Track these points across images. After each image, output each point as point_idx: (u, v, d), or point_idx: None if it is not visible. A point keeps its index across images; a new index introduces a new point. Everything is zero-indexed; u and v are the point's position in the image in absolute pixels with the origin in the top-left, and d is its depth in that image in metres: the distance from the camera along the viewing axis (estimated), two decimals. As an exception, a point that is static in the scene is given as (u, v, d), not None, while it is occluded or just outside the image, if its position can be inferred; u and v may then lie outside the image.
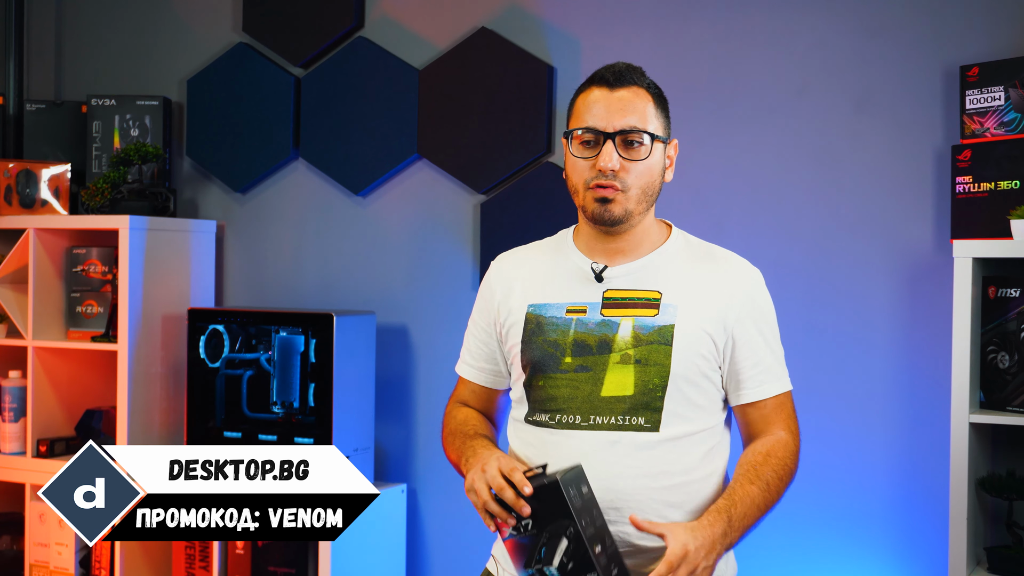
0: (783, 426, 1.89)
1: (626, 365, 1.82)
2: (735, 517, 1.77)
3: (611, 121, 1.83)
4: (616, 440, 1.81)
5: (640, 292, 1.87)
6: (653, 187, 1.88)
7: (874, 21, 2.80)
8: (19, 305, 3.43)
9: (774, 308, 1.94)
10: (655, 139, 1.85)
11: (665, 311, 1.84)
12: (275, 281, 3.54)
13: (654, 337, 1.82)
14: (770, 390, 1.89)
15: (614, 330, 1.84)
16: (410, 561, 3.29)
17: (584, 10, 3.12)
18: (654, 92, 1.89)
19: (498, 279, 2.00)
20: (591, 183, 1.84)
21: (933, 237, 2.72)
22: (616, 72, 1.87)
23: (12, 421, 3.40)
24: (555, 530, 1.70)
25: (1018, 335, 2.44)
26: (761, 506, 1.81)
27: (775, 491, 1.83)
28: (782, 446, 1.87)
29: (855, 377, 2.79)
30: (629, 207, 1.85)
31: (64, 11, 3.90)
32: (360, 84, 3.37)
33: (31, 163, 3.50)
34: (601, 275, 1.89)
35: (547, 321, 1.89)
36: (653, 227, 1.94)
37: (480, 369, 2.04)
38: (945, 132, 2.71)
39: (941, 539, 2.59)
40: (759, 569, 2.88)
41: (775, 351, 1.91)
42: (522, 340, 1.90)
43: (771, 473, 1.83)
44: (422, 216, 3.32)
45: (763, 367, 1.88)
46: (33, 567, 3.38)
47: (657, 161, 1.87)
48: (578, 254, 1.93)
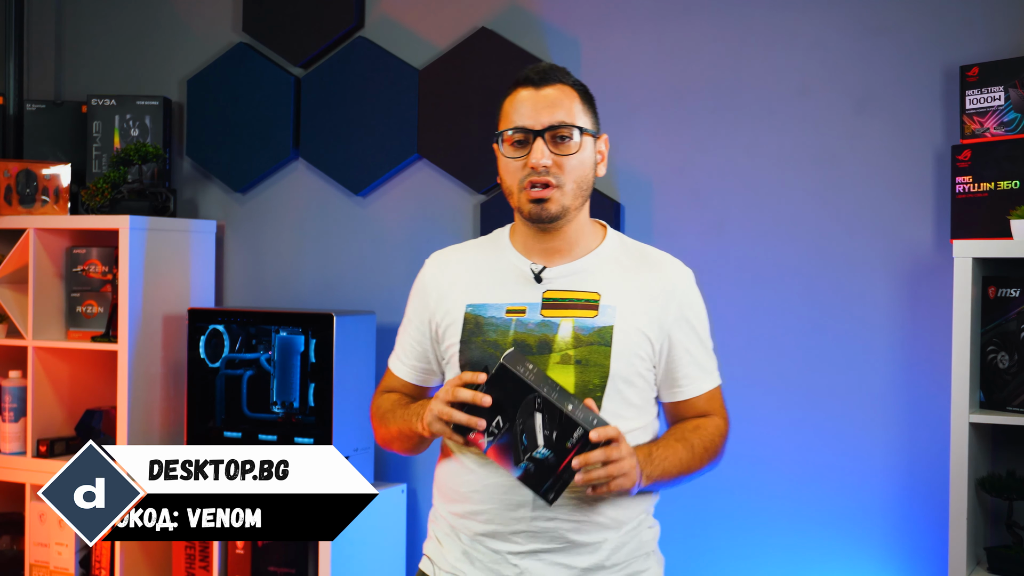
0: (716, 413, 1.96)
1: (566, 365, 1.84)
2: (656, 456, 1.83)
3: (539, 118, 1.86)
4: None
5: (579, 293, 1.88)
6: (586, 181, 1.89)
7: (874, 21, 2.80)
8: (19, 305, 3.43)
9: (704, 305, 1.98)
10: (584, 132, 1.87)
11: (604, 312, 1.86)
12: (275, 281, 3.54)
13: (594, 338, 1.85)
14: (704, 386, 1.94)
15: (554, 331, 1.86)
16: (410, 561, 3.29)
17: (584, 10, 3.12)
18: (580, 89, 1.92)
19: (433, 278, 2.00)
20: (524, 182, 1.86)
21: (933, 237, 2.72)
22: (540, 71, 1.90)
23: (12, 421, 3.40)
24: (524, 412, 1.74)
25: (1018, 335, 2.44)
26: (683, 462, 1.86)
27: (699, 457, 1.88)
28: (712, 423, 1.93)
29: (855, 377, 2.79)
30: (565, 203, 1.86)
31: (64, 11, 3.90)
32: (360, 84, 3.37)
33: (31, 163, 3.50)
34: (540, 276, 1.90)
35: (486, 321, 1.89)
36: (588, 226, 1.95)
37: (413, 368, 2.04)
38: (945, 132, 2.71)
39: (941, 539, 2.59)
40: (759, 569, 2.88)
41: (708, 349, 1.96)
42: (461, 340, 1.90)
43: (697, 440, 1.89)
44: (422, 216, 3.32)
45: (698, 365, 1.93)
46: (33, 567, 3.38)
47: (588, 155, 1.89)
48: (516, 254, 1.94)
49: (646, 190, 3.01)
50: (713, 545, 2.92)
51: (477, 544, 1.87)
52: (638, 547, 1.89)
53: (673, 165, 2.99)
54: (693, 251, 2.95)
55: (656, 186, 3.00)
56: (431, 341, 1.99)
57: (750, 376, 2.89)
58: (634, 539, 1.88)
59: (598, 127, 1.94)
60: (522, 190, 1.86)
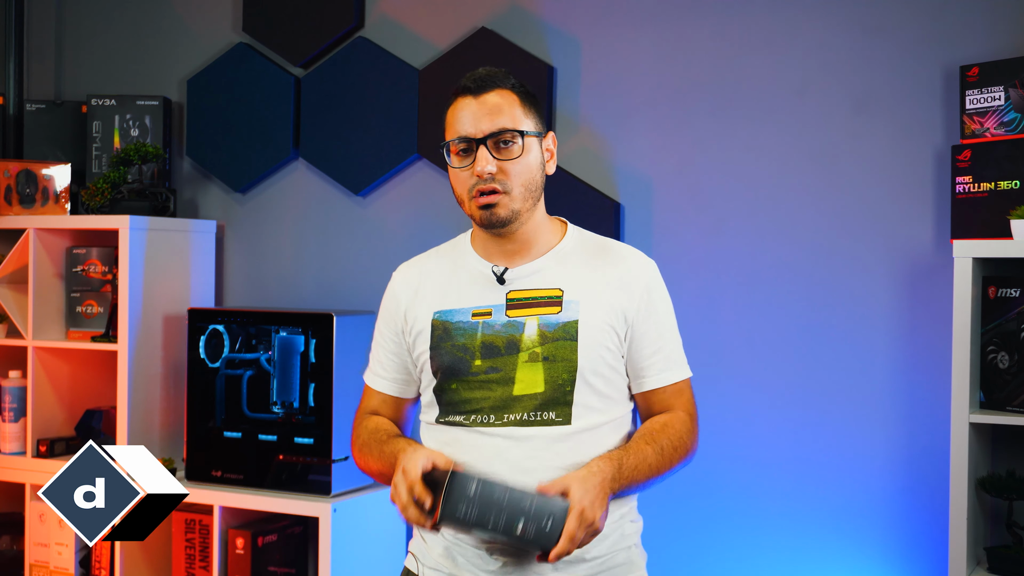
0: (682, 408, 1.95)
1: (535, 363, 1.86)
2: (625, 466, 1.82)
3: (479, 126, 1.88)
4: (530, 435, 1.85)
5: (542, 291, 1.91)
6: (534, 183, 1.91)
7: (874, 21, 2.80)
8: (19, 305, 3.43)
9: (670, 298, 1.98)
10: (525, 136, 1.89)
11: (568, 307, 1.88)
12: (275, 281, 3.54)
13: (559, 334, 1.87)
14: (670, 377, 1.94)
15: (520, 330, 1.88)
16: (410, 561, 3.29)
17: (584, 10, 3.12)
18: (520, 91, 1.93)
19: (402, 288, 2.02)
20: (473, 191, 1.89)
21: (933, 237, 2.72)
22: (478, 79, 1.93)
23: (12, 421, 3.40)
24: (480, 533, 1.76)
25: (1018, 335, 2.43)
26: (653, 466, 1.86)
27: (668, 458, 1.88)
28: (679, 421, 1.92)
29: (855, 377, 2.79)
30: (514, 207, 1.89)
31: (64, 11, 3.90)
32: (360, 84, 3.37)
33: (31, 163, 3.50)
34: (503, 277, 1.93)
35: (454, 326, 1.92)
36: (545, 224, 1.97)
37: (394, 380, 2.05)
38: (945, 132, 2.71)
39: (941, 539, 2.59)
40: (759, 569, 2.88)
41: (673, 340, 1.96)
42: (431, 347, 1.93)
43: (666, 440, 1.88)
44: (422, 216, 3.31)
45: (663, 355, 1.93)
46: (33, 567, 3.38)
47: (534, 157, 1.91)
48: (477, 258, 1.97)
49: (646, 190, 3.01)
50: (713, 545, 2.92)
51: (459, 541, 1.88)
52: (619, 540, 1.90)
53: (673, 165, 2.99)
54: (693, 251, 2.97)
55: (656, 186, 3.00)
56: (406, 351, 2.01)
57: (750, 376, 2.89)
58: (615, 532, 1.89)
59: (543, 126, 1.95)
60: (472, 198, 1.90)
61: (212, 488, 3.14)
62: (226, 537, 3.11)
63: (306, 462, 3.05)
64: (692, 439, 1.94)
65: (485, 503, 1.72)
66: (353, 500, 3.04)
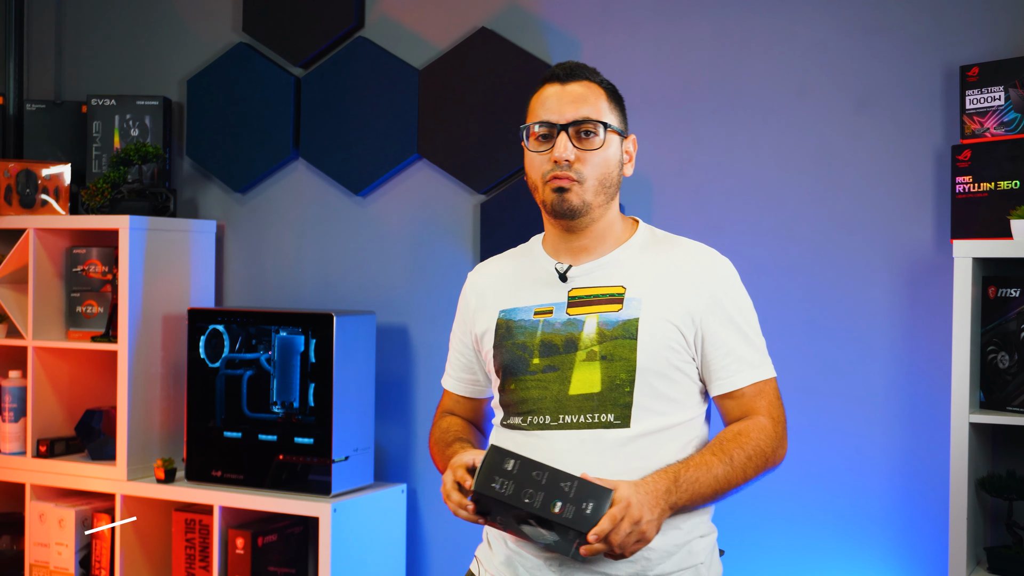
0: (763, 412, 1.86)
1: (592, 362, 1.82)
2: (683, 479, 1.75)
3: (563, 113, 1.86)
4: (585, 438, 1.81)
5: (604, 288, 1.87)
6: (610, 179, 1.88)
7: (874, 21, 2.80)
8: (19, 305, 3.43)
9: (747, 296, 1.92)
10: (608, 129, 1.87)
11: (629, 305, 1.84)
12: (275, 281, 3.54)
13: (618, 332, 1.82)
14: (744, 379, 1.86)
15: (579, 328, 1.85)
16: (410, 561, 3.29)
17: (584, 10, 3.12)
18: (607, 88, 1.92)
19: (472, 290, 2.03)
20: (548, 176, 1.86)
21: (933, 237, 2.72)
22: (567, 68, 1.91)
23: (12, 421, 3.40)
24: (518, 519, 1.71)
25: (1018, 335, 2.44)
26: (720, 477, 1.78)
27: (740, 467, 1.79)
28: (757, 428, 1.83)
29: (855, 377, 2.79)
30: (586, 198, 1.86)
31: (64, 11, 3.90)
32: (360, 84, 3.37)
33: (31, 163, 3.50)
34: (565, 275, 1.90)
35: (516, 325, 1.90)
36: (617, 223, 1.94)
37: (460, 380, 2.07)
38: (945, 132, 2.71)
39: (941, 539, 2.59)
40: (759, 569, 2.88)
41: (749, 338, 1.88)
42: (494, 345, 1.93)
43: (737, 449, 1.80)
44: (422, 216, 3.32)
45: (735, 356, 1.85)
46: (33, 567, 3.38)
47: (613, 152, 1.88)
48: (545, 257, 1.95)
49: (646, 190, 3.01)
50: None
51: (521, 551, 1.85)
52: (686, 558, 1.83)
53: (673, 165, 2.99)
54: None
55: (656, 186, 3.00)
56: (474, 352, 2.02)
57: (750, 376, 2.89)
58: (681, 550, 1.82)
59: (626, 127, 1.94)
60: (545, 183, 1.86)
61: (212, 488, 3.14)
62: (226, 537, 3.11)
63: (306, 462, 3.05)
64: (774, 445, 1.84)
65: (522, 480, 1.68)
66: (353, 500, 3.04)
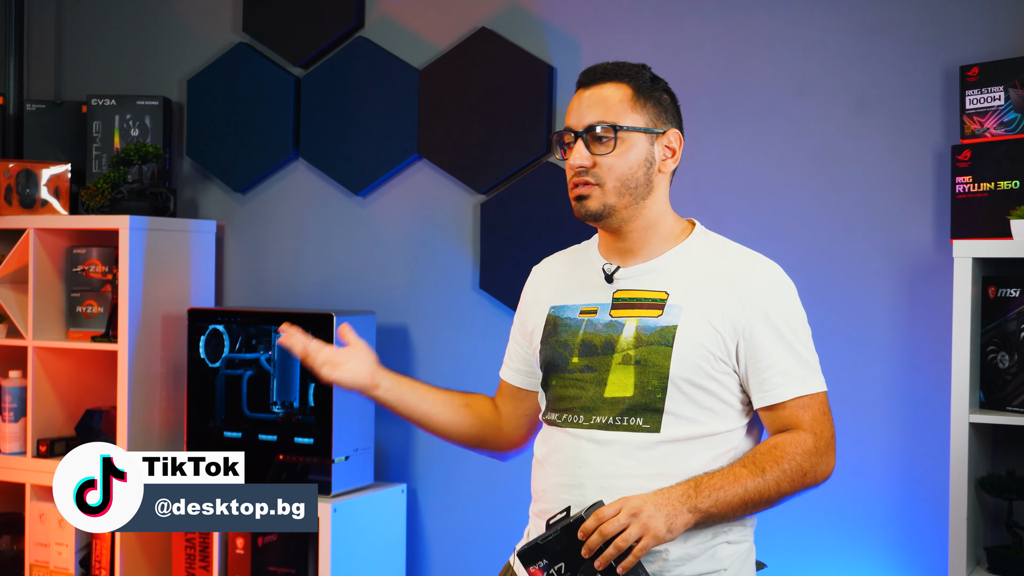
0: (806, 427, 1.81)
1: (627, 366, 1.81)
2: (706, 485, 1.73)
3: (581, 119, 1.86)
4: (612, 439, 1.80)
5: (647, 293, 1.85)
6: (633, 179, 1.85)
7: (874, 21, 2.80)
8: (19, 305, 3.43)
9: (799, 309, 1.87)
10: (620, 130, 1.83)
11: (669, 312, 1.82)
12: (275, 281, 3.54)
13: (655, 338, 1.80)
14: (787, 392, 1.81)
15: (619, 331, 1.83)
16: (410, 561, 3.29)
17: (584, 10, 3.12)
18: (637, 84, 1.88)
19: (531, 284, 2.05)
20: (571, 183, 1.87)
21: (933, 237, 2.72)
22: (592, 71, 1.90)
23: (12, 421, 3.40)
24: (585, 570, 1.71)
25: (1018, 335, 2.43)
26: (750, 489, 1.75)
27: (773, 480, 1.76)
28: (795, 442, 1.79)
29: (855, 377, 2.79)
30: (607, 201, 1.84)
31: (64, 11, 3.90)
32: (360, 84, 3.37)
33: (31, 163, 3.50)
34: (612, 276, 1.89)
35: (562, 322, 1.91)
36: (663, 224, 1.90)
37: (515, 371, 2.07)
38: (945, 132, 2.71)
39: (941, 539, 2.59)
40: (759, 569, 2.88)
41: (796, 351, 1.82)
42: (540, 340, 1.94)
43: (770, 462, 1.77)
44: (422, 216, 3.32)
45: (778, 369, 1.80)
46: (33, 567, 3.38)
47: (636, 153, 1.85)
48: (599, 257, 1.94)
49: (646, 190, 3.01)
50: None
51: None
52: (708, 562, 1.79)
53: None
54: (693, 251, 2.96)
55: (656, 186, 3.00)
56: (528, 345, 2.03)
57: (750, 376, 2.89)
58: (703, 553, 1.79)
59: (664, 122, 1.89)
60: (570, 191, 1.88)
61: (212, 488, 3.14)
62: (226, 537, 3.11)
63: (306, 462, 3.05)
64: (813, 460, 1.79)
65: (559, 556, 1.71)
66: (353, 500, 3.04)
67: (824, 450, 1.81)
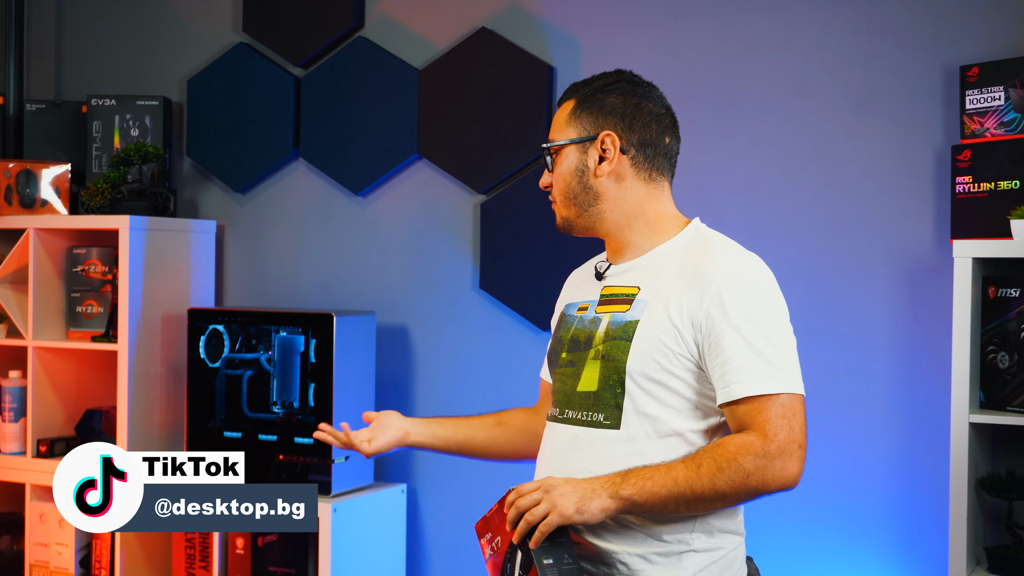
0: (758, 429, 1.71)
1: (596, 361, 1.84)
2: (634, 474, 1.70)
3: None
4: (578, 435, 1.84)
5: (623, 288, 1.88)
6: (571, 190, 1.91)
7: (874, 21, 2.80)
8: (19, 305, 3.43)
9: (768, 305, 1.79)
10: (551, 148, 1.92)
11: (636, 307, 1.83)
12: (275, 281, 3.54)
13: (618, 333, 1.82)
14: (740, 391, 1.72)
15: (597, 326, 1.87)
16: (410, 561, 3.29)
17: (584, 10, 3.12)
18: (581, 95, 1.92)
19: (564, 287, 2.11)
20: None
21: (933, 237, 2.72)
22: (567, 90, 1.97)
23: (12, 421, 3.40)
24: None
25: (1018, 335, 2.44)
26: (680, 482, 1.69)
27: (707, 477, 1.69)
28: (740, 442, 1.70)
29: (855, 377, 2.79)
30: (563, 214, 1.94)
31: (64, 11, 3.90)
32: (360, 84, 3.37)
33: (31, 163, 3.50)
34: (602, 274, 1.94)
35: (564, 319, 1.98)
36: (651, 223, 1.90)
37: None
38: (945, 132, 2.71)
39: (941, 539, 2.59)
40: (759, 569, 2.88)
41: (755, 347, 1.73)
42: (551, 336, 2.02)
43: (709, 459, 1.70)
44: (422, 216, 3.32)
45: (733, 365, 1.72)
46: (33, 567, 3.38)
47: (567, 165, 1.91)
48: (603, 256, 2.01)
49: (646, 190, 3.01)
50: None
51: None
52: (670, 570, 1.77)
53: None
54: (693, 251, 2.97)
55: (656, 186, 3.00)
56: None
57: (750, 376, 2.89)
58: (666, 560, 1.77)
59: (595, 128, 1.88)
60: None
61: (212, 488, 3.14)
62: (226, 537, 3.11)
63: (306, 462, 3.05)
64: (760, 462, 1.69)
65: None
66: (353, 500, 3.04)
67: (776, 454, 1.70)
